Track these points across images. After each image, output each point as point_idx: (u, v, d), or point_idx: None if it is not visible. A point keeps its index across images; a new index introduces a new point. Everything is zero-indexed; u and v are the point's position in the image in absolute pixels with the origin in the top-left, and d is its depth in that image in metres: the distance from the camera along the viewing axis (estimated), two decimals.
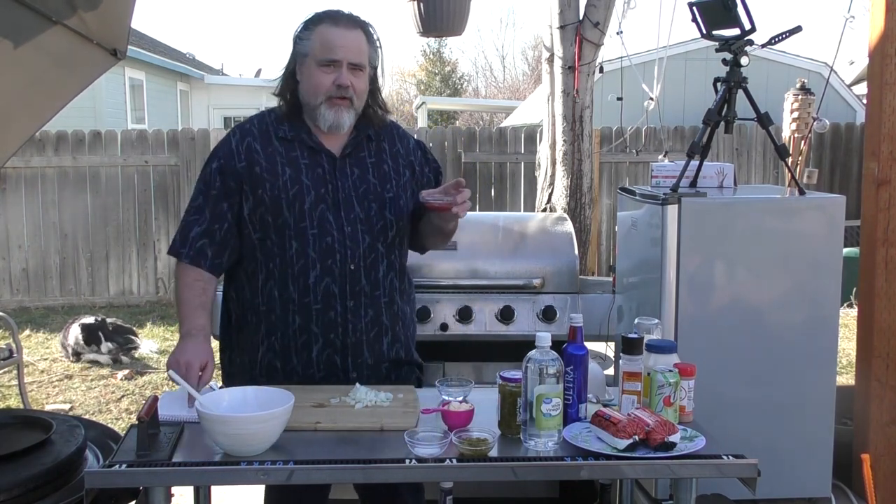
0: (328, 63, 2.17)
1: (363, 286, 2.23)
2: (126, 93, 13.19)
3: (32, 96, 2.87)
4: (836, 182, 8.64)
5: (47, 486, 1.95)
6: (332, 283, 2.20)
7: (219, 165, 2.27)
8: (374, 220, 2.24)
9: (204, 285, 2.23)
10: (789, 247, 2.78)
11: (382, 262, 2.27)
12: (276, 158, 2.23)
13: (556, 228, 3.58)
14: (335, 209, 2.21)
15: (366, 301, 2.24)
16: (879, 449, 3.06)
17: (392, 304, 2.31)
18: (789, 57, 11.88)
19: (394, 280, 2.32)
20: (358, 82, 2.19)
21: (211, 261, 2.24)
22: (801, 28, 2.83)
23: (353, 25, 2.20)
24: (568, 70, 4.53)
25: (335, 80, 2.16)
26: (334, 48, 2.16)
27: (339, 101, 2.18)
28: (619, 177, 8.31)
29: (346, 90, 2.17)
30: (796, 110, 6.20)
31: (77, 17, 2.61)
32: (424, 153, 2.43)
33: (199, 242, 2.23)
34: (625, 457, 1.73)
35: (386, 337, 2.29)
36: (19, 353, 4.34)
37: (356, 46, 2.19)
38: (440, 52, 30.30)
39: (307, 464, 1.73)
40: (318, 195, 2.21)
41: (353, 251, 2.21)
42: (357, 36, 2.20)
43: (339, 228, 2.21)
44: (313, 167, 2.23)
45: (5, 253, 7.96)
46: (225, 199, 2.24)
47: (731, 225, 2.79)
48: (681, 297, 2.76)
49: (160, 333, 6.97)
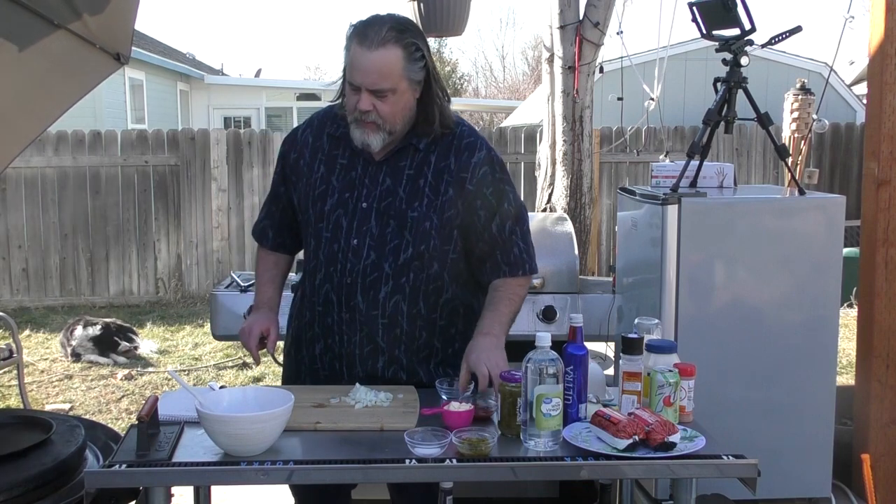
0: (353, 85, 2.05)
1: (358, 302, 2.14)
2: (126, 93, 13.19)
3: (35, 100, 2.87)
4: (836, 182, 8.64)
5: (47, 486, 1.96)
6: (331, 291, 2.17)
7: (282, 152, 2.32)
8: (387, 237, 2.12)
9: (276, 259, 2.40)
10: (789, 247, 2.78)
11: (387, 283, 2.12)
12: (317, 154, 2.22)
13: (556, 228, 3.58)
14: (350, 218, 2.14)
15: (360, 318, 2.15)
16: (879, 449, 3.06)
17: (394, 327, 2.15)
18: (789, 57, 11.88)
19: (401, 304, 2.14)
20: (383, 106, 2.03)
21: (272, 240, 2.38)
22: (801, 28, 2.83)
23: (379, 45, 1.98)
24: (568, 70, 4.53)
25: (356, 103, 2.04)
26: (354, 72, 2.02)
27: (363, 124, 2.06)
28: (619, 177, 8.30)
29: (367, 115, 2.04)
30: (796, 110, 6.18)
31: (80, 21, 2.61)
32: (493, 171, 2.17)
33: (262, 224, 2.40)
34: (625, 457, 1.73)
35: (382, 357, 2.17)
36: (19, 353, 4.34)
37: (377, 71, 2.00)
38: (440, 52, 30.29)
39: (307, 464, 1.73)
40: (340, 199, 2.15)
41: (354, 265, 2.13)
42: (382, 58, 1.99)
43: (347, 238, 2.14)
44: (348, 169, 2.17)
45: (5, 253, 7.95)
46: (283, 183, 2.32)
47: (731, 225, 2.79)
48: (681, 297, 2.76)
49: (160, 333, 6.97)
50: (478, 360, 1.98)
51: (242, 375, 5.77)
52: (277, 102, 18.04)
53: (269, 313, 2.32)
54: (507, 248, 2.18)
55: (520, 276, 2.19)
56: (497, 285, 2.18)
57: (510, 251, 2.18)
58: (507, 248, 2.18)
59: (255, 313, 2.33)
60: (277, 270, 2.40)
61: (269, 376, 5.56)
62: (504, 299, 2.15)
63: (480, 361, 1.98)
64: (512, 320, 2.16)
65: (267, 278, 2.38)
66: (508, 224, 2.18)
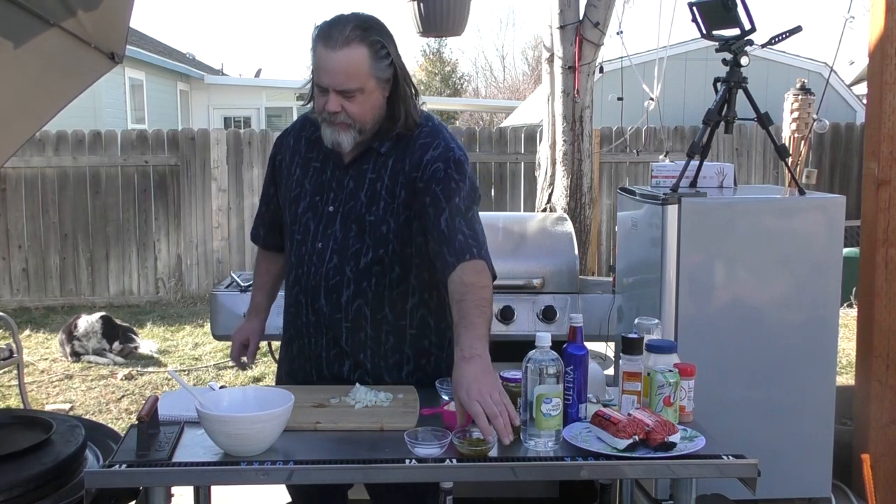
0: (321, 87, 2.04)
1: (322, 305, 2.16)
2: (126, 93, 13.20)
3: (30, 98, 2.87)
4: (836, 182, 8.64)
5: (47, 486, 1.96)
6: (300, 293, 2.21)
7: (272, 154, 2.38)
8: (350, 242, 2.13)
9: (268, 265, 2.47)
10: (789, 247, 2.78)
11: (348, 287, 2.13)
12: (295, 157, 2.26)
13: (556, 228, 3.58)
14: (318, 221, 2.17)
15: (324, 321, 2.17)
16: (879, 449, 3.06)
17: (357, 331, 2.16)
18: (789, 57, 11.88)
19: (363, 308, 2.14)
20: (352, 106, 2.02)
21: (264, 239, 2.45)
22: (801, 28, 2.83)
23: (344, 45, 1.97)
24: (568, 70, 4.53)
25: (324, 104, 2.04)
26: (321, 73, 2.02)
27: (334, 123, 2.05)
28: (619, 177, 8.31)
29: (336, 115, 2.03)
30: (796, 110, 6.20)
31: (75, 19, 2.61)
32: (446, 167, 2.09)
33: (256, 223, 2.47)
34: (625, 457, 1.73)
35: (347, 360, 2.18)
36: (19, 353, 4.34)
37: (343, 71, 1.98)
38: (440, 52, 30.31)
39: (307, 464, 1.73)
40: (311, 202, 2.19)
41: (318, 268, 2.15)
42: (348, 58, 1.97)
43: (313, 242, 2.17)
44: (320, 172, 2.20)
45: (5, 253, 7.95)
46: (272, 184, 2.37)
47: (731, 225, 2.79)
48: (681, 297, 2.76)
49: (160, 333, 6.97)
50: (468, 399, 1.78)
51: (242, 375, 5.77)
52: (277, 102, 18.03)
53: (254, 321, 2.46)
54: (452, 239, 2.04)
55: (467, 261, 2.02)
56: (460, 294, 1.99)
57: (454, 241, 2.04)
58: (452, 239, 2.04)
59: (245, 321, 2.52)
60: (269, 277, 2.48)
61: (268, 376, 5.56)
62: (473, 309, 1.96)
63: (472, 399, 1.77)
64: (489, 329, 1.99)
65: (258, 284, 2.49)
66: (457, 219, 2.06)
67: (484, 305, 1.99)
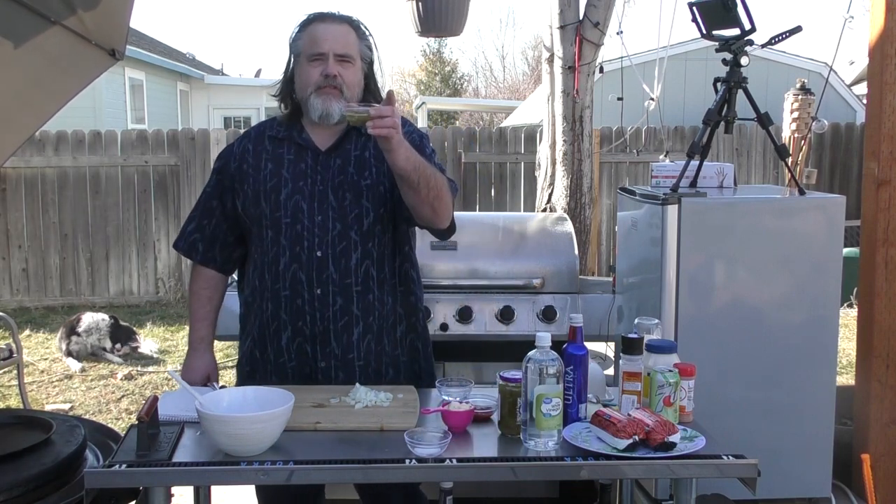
0: (316, 56, 2.22)
1: (331, 273, 2.22)
2: (126, 93, 13.20)
3: (31, 96, 2.87)
4: (836, 182, 8.64)
5: (47, 486, 1.95)
6: (300, 271, 2.23)
7: (217, 166, 2.41)
8: (348, 208, 2.24)
9: (210, 294, 2.43)
10: (789, 247, 2.78)
11: (356, 250, 2.24)
12: (262, 156, 2.33)
13: (556, 228, 3.58)
14: (310, 199, 2.25)
15: (334, 289, 2.23)
16: (879, 449, 3.06)
17: (367, 293, 2.26)
18: (789, 57, 11.88)
19: (370, 269, 2.27)
20: (347, 73, 2.22)
21: (203, 254, 2.41)
22: (801, 28, 2.83)
23: (339, 21, 2.27)
24: (568, 70, 4.53)
25: (322, 70, 2.20)
26: (320, 41, 2.22)
27: (327, 90, 2.20)
28: (619, 177, 8.30)
29: (334, 79, 2.20)
30: (796, 110, 6.19)
31: (75, 17, 2.62)
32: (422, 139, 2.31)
33: (192, 236, 2.41)
34: (625, 457, 1.73)
35: (357, 327, 2.25)
36: (19, 353, 4.34)
37: (342, 38, 2.24)
38: (440, 52, 30.31)
39: (307, 464, 1.73)
40: (295, 187, 2.26)
41: (322, 238, 2.23)
42: (344, 29, 2.26)
43: (311, 217, 2.23)
44: (297, 163, 2.29)
45: (5, 253, 7.95)
46: (216, 196, 2.38)
47: (731, 225, 2.79)
48: (681, 297, 2.76)
49: (160, 333, 6.97)
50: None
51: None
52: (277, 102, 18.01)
53: (206, 355, 2.43)
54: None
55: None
56: None
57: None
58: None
59: (193, 355, 2.42)
60: (211, 306, 2.44)
61: None
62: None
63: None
64: (425, 168, 2.08)
65: (201, 315, 2.43)
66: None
67: (435, 174, 2.12)
